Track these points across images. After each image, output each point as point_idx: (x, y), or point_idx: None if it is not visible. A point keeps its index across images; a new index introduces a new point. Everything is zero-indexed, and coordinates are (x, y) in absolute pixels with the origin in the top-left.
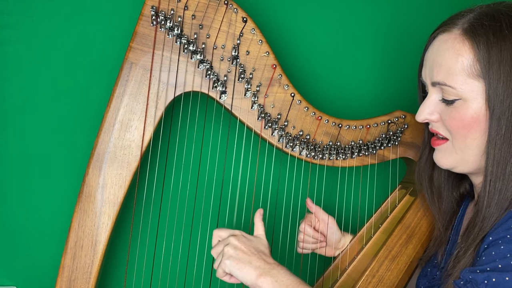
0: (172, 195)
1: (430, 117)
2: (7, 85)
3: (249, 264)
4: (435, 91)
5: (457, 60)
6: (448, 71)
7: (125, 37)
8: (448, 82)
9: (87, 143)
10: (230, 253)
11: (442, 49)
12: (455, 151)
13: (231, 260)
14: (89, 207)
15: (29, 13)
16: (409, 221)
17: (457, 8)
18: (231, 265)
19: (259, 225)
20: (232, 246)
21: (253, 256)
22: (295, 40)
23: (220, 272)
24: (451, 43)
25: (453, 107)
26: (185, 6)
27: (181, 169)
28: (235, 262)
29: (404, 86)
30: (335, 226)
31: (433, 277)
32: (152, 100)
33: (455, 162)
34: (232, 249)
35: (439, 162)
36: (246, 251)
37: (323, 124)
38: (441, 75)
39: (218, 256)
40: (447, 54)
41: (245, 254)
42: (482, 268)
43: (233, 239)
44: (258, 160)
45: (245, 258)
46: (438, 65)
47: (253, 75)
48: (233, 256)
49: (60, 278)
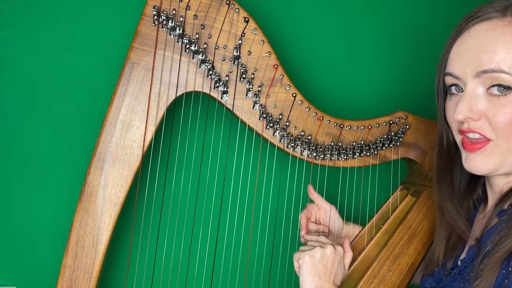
0: (174, 195)
1: (471, 115)
2: (7, 85)
3: (317, 278)
4: (478, 83)
5: (506, 43)
6: (507, 56)
7: (127, 37)
8: (503, 66)
9: (88, 142)
10: (316, 255)
11: (490, 36)
12: (500, 152)
13: (310, 261)
14: (91, 206)
15: (29, 13)
16: (410, 222)
17: (457, 8)
18: (306, 265)
19: (348, 255)
20: (322, 252)
21: (328, 275)
22: (297, 40)
23: (296, 257)
24: (502, 30)
25: (505, 99)
26: (187, 6)
27: (182, 169)
28: (310, 265)
29: (406, 87)
30: (337, 215)
31: (441, 278)
32: (153, 100)
33: (497, 165)
34: (320, 255)
35: (478, 168)
36: (328, 267)
37: (325, 125)
38: (494, 62)
39: (308, 246)
40: (501, 40)
41: (323, 267)
42: None
43: (330, 250)
44: (260, 160)
45: (319, 270)
46: (491, 52)
47: (255, 75)
48: (316, 260)
49: (61, 278)
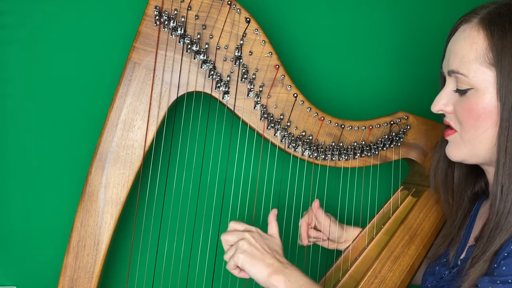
0: (175, 195)
1: (444, 108)
2: (8, 85)
3: (262, 261)
4: (451, 82)
5: (472, 48)
6: (462, 59)
7: (128, 37)
8: (461, 70)
9: (90, 142)
10: (245, 247)
11: (460, 38)
12: (463, 143)
13: (245, 255)
14: (92, 206)
15: (29, 13)
16: (411, 222)
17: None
18: (245, 259)
19: (273, 225)
20: (247, 242)
21: (266, 254)
22: (298, 40)
23: (231, 265)
24: (468, 32)
25: (465, 97)
26: (188, 6)
27: (183, 169)
28: (248, 258)
29: (407, 87)
30: (334, 224)
31: (441, 277)
32: (155, 100)
33: (465, 155)
34: (247, 244)
35: (449, 155)
36: (260, 249)
37: (326, 125)
38: (455, 63)
39: (230, 248)
40: (463, 42)
41: (259, 251)
42: (503, 280)
43: (249, 235)
44: (261, 160)
45: (258, 255)
46: (454, 54)
47: (256, 75)
48: (247, 251)
49: (62, 278)
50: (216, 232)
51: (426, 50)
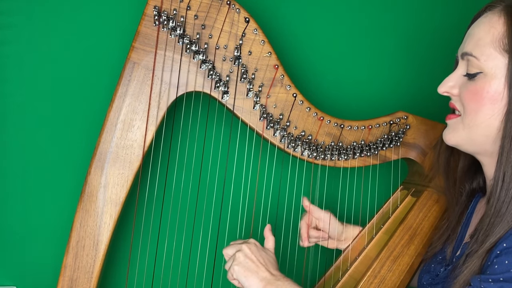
0: (174, 195)
1: (450, 91)
2: (7, 85)
3: (255, 274)
4: (462, 65)
5: (489, 32)
6: (478, 41)
7: (128, 37)
8: (474, 52)
9: (89, 142)
10: (240, 259)
11: (480, 22)
12: (463, 127)
13: (239, 267)
14: (91, 206)
15: (29, 13)
16: (410, 222)
17: (457, 8)
18: (239, 272)
19: (270, 239)
20: (243, 253)
21: (261, 267)
22: (297, 40)
23: (229, 276)
24: (490, 17)
25: (473, 81)
26: (187, 6)
27: (183, 169)
28: (242, 270)
29: (406, 87)
30: (336, 221)
31: (437, 274)
32: (154, 100)
33: (461, 139)
34: (243, 256)
35: (445, 138)
36: (256, 261)
37: (325, 125)
38: (470, 46)
39: (229, 260)
40: (482, 26)
41: (254, 264)
42: (495, 278)
43: (246, 246)
44: (260, 160)
45: (253, 268)
46: (471, 37)
47: (255, 75)
48: (242, 263)
49: (62, 278)
50: (215, 234)
51: (426, 50)
